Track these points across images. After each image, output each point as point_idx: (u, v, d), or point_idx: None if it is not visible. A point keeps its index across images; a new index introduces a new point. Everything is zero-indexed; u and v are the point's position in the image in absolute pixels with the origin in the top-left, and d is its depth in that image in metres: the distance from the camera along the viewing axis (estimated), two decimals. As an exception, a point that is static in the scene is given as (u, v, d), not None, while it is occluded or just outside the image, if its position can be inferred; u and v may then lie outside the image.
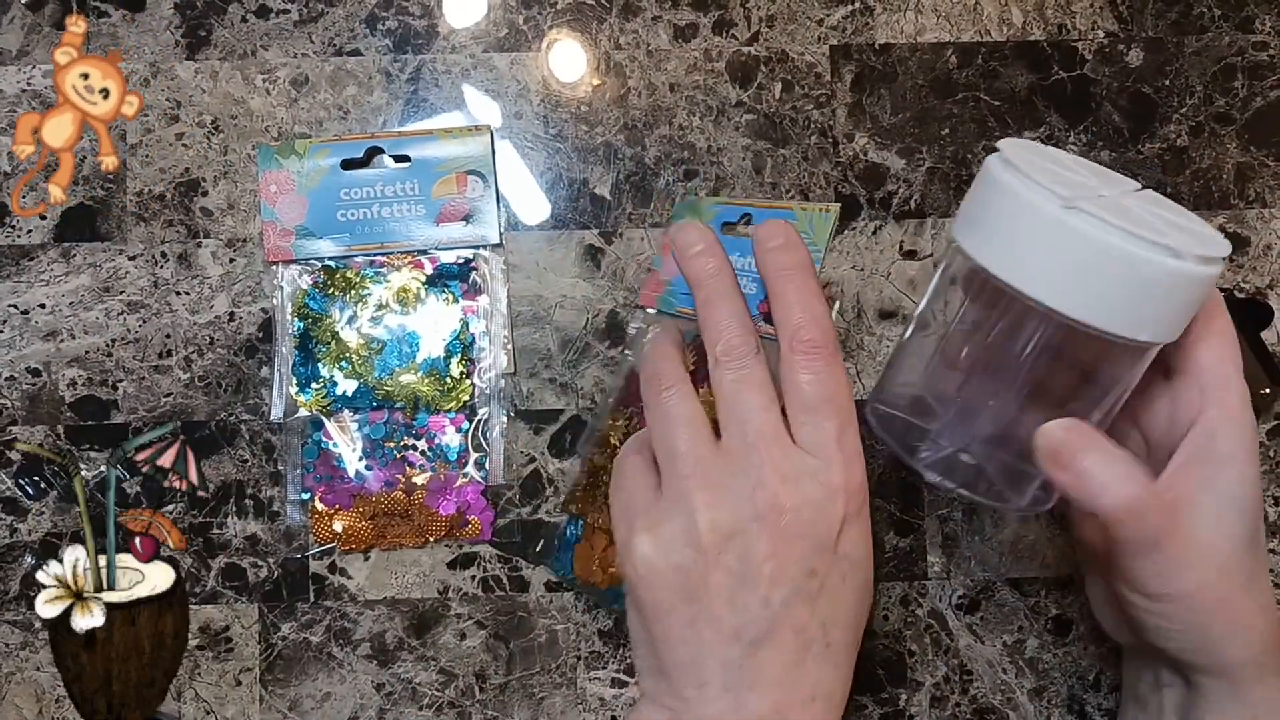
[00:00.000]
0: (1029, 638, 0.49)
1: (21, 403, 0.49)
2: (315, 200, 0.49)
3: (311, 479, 0.49)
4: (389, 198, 0.49)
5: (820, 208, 0.41)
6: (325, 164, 0.49)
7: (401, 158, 0.49)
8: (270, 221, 0.49)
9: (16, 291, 0.49)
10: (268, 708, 0.49)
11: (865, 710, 0.49)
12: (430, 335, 0.49)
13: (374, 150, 0.49)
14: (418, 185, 0.49)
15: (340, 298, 0.49)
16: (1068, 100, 0.50)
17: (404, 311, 0.49)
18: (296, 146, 0.49)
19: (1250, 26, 0.50)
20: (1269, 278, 0.50)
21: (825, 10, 0.50)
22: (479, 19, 0.50)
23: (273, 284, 0.49)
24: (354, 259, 0.49)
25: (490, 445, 0.49)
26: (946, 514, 0.49)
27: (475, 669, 0.49)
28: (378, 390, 0.48)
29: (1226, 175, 0.50)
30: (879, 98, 0.50)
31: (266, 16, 0.50)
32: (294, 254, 0.49)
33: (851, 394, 0.35)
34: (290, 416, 0.49)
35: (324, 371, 0.48)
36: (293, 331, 0.49)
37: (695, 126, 0.50)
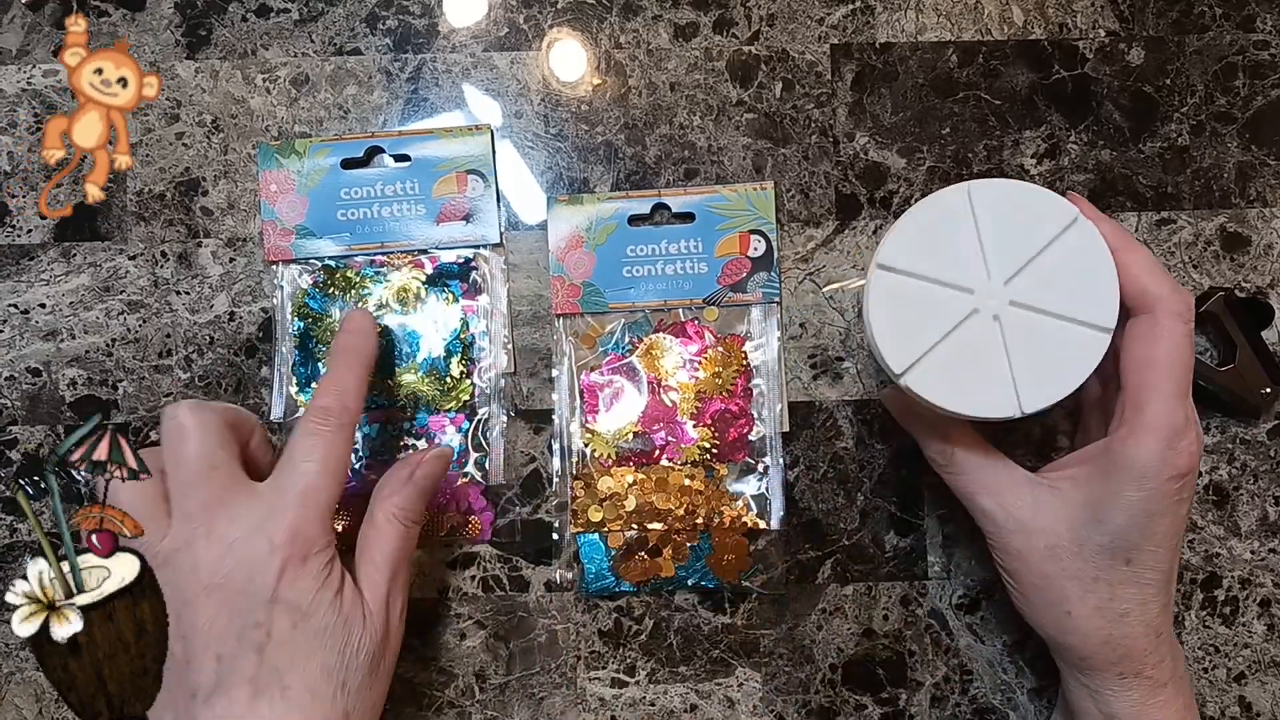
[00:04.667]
0: (1029, 638, 0.49)
1: (21, 403, 0.49)
2: (315, 200, 0.49)
3: None
4: (389, 197, 0.49)
5: (754, 187, 0.48)
6: (325, 163, 0.49)
7: (401, 157, 0.49)
8: (270, 221, 0.49)
9: (16, 291, 0.49)
10: (268, 707, 0.49)
11: (865, 710, 0.49)
12: (430, 335, 0.49)
13: (374, 150, 0.49)
14: (418, 185, 0.49)
15: (340, 297, 0.49)
16: (1068, 99, 0.50)
17: (404, 311, 0.49)
18: (296, 146, 0.49)
19: (1251, 25, 0.50)
20: (1269, 277, 0.50)
21: (826, 9, 0.50)
22: (479, 18, 0.50)
23: (273, 284, 0.49)
24: (354, 258, 0.49)
25: (490, 445, 0.49)
26: (946, 514, 0.49)
27: (475, 669, 0.49)
28: (378, 390, 0.48)
29: (1227, 174, 0.50)
30: (880, 97, 0.50)
31: (267, 16, 0.50)
32: (294, 253, 0.49)
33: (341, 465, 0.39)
34: (290, 416, 0.49)
35: (324, 371, 0.48)
36: (293, 331, 0.49)
37: (696, 126, 0.50)
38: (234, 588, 0.36)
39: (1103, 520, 0.37)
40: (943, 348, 0.36)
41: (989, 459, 0.40)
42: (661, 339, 0.48)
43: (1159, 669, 0.39)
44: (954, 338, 0.36)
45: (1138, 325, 0.36)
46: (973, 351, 0.36)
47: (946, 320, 0.36)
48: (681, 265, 0.48)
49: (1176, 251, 0.50)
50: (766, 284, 0.49)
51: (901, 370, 0.36)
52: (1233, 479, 0.50)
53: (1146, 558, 0.37)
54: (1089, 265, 0.36)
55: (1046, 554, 0.38)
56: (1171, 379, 0.35)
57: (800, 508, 0.49)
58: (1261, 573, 0.50)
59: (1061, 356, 0.36)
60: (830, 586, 0.49)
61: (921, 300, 0.36)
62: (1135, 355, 0.36)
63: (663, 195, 0.49)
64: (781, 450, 0.49)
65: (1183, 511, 0.37)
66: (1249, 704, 0.49)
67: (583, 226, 0.49)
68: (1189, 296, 0.36)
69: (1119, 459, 0.36)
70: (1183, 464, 0.35)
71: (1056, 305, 0.36)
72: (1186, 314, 0.36)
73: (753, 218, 0.49)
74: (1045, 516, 0.38)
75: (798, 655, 0.49)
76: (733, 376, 0.48)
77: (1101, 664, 0.38)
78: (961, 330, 0.36)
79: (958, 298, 0.36)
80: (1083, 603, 0.38)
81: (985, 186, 0.37)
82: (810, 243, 0.50)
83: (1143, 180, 0.50)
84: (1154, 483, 0.36)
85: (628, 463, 0.48)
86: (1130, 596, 0.37)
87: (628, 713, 0.49)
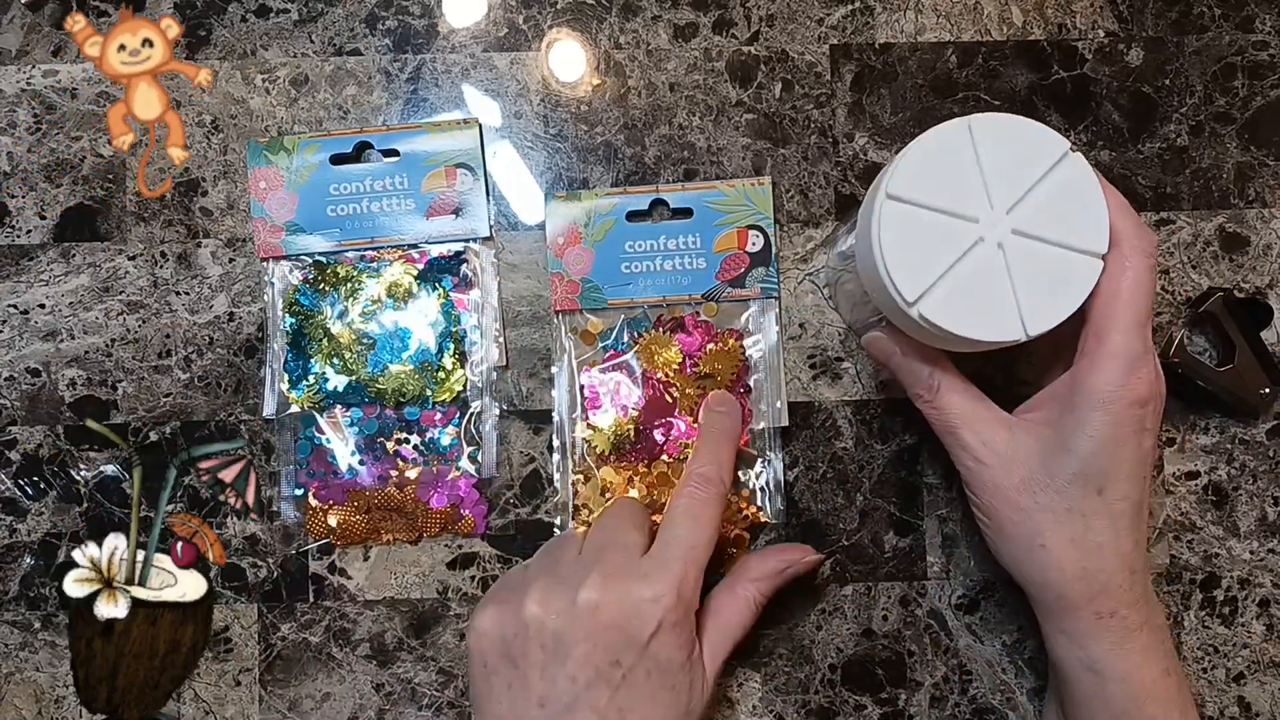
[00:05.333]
0: (1029, 638, 0.49)
1: (21, 403, 0.49)
2: (305, 196, 0.49)
3: (305, 475, 0.49)
4: (378, 192, 0.49)
5: (752, 182, 0.48)
6: (314, 159, 0.49)
7: (390, 152, 0.49)
8: (260, 218, 0.49)
9: (16, 291, 0.49)
10: (267, 708, 0.49)
11: (865, 710, 0.49)
12: (422, 329, 0.49)
13: (363, 145, 0.49)
14: (407, 179, 0.49)
15: (331, 293, 0.49)
16: (1068, 100, 0.50)
17: (395, 306, 0.49)
18: (285, 142, 0.49)
19: (1250, 26, 0.50)
20: (1269, 277, 0.50)
21: (825, 10, 0.50)
22: (479, 18, 0.50)
23: (264, 280, 0.49)
24: (345, 254, 0.49)
25: (483, 439, 0.49)
26: (946, 514, 0.49)
27: (475, 669, 0.49)
28: (370, 385, 0.48)
29: (1226, 175, 0.50)
30: (879, 97, 0.50)
31: (266, 16, 0.50)
32: (284, 250, 0.49)
33: (716, 529, 0.42)
34: (283, 413, 0.49)
35: (316, 367, 0.48)
36: (285, 328, 0.49)
37: (695, 126, 0.50)
38: (614, 625, 0.39)
39: (1072, 449, 0.38)
40: (951, 275, 0.37)
41: (970, 395, 0.41)
42: (660, 335, 0.48)
43: (1135, 610, 0.39)
44: (961, 266, 0.37)
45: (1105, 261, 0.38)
46: (979, 279, 0.37)
47: (954, 249, 0.37)
48: (680, 261, 0.49)
49: (1175, 252, 0.50)
50: (765, 279, 0.49)
51: (915, 298, 0.37)
52: (1232, 479, 0.50)
53: (1117, 488, 0.38)
54: (1081, 196, 0.37)
55: (1021, 487, 0.39)
56: (1132, 311, 0.37)
57: (800, 508, 0.49)
58: (1260, 573, 0.50)
59: (1060, 282, 0.37)
60: (829, 587, 0.49)
61: (930, 230, 0.37)
62: (1100, 289, 0.37)
63: (660, 191, 0.49)
64: (781, 446, 0.49)
65: (1147, 444, 0.39)
66: (1248, 704, 0.49)
67: (580, 221, 0.49)
68: (1153, 235, 0.38)
69: (1083, 388, 0.38)
70: (1142, 391, 0.37)
71: (1054, 233, 0.37)
72: (1151, 251, 0.37)
73: (750, 213, 0.49)
74: (1021, 450, 0.39)
75: (797, 655, 0.49)
76: (731, 371, 0.48)
77: (1078, 600, 0.39)
78: (968, 259, 0.37)
79: (964, 227, 0.37)
80: (1057, 535, 0.39)
81: (985, 120, 0.38)
82: (810, 243, 0.50)
83: (1142, 180, 0.50)
84: (1117, 407, 0.37)
85: (628, 458, 0.48)
86: (1103, 529, 0.39)
87: None
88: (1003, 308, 0.37)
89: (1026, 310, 0.37)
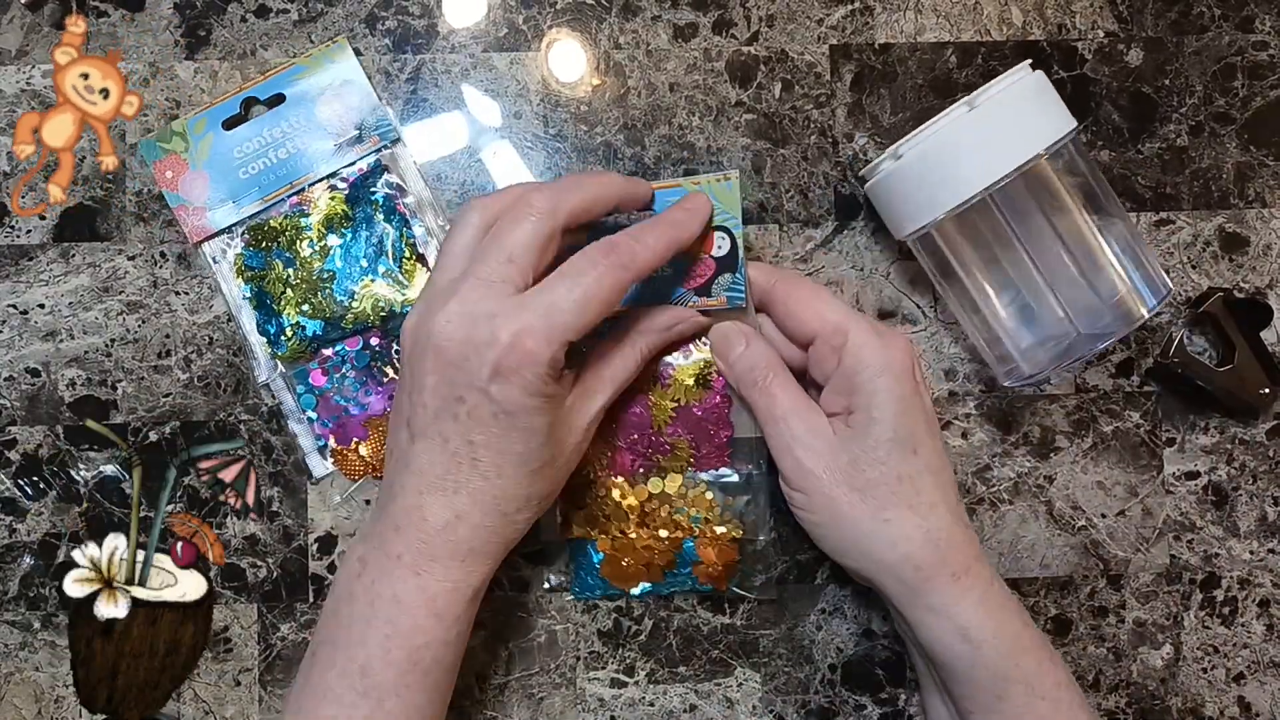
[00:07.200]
0: (1029, 638, 0.49)
1: (20, 403, 0.49)
2: (213, 169, 0.49)
3: (319, 426, 0.49)
4: (279, 139, 0.49)
5: (717, 178, 0.43)
6: (207, 133, 0.49)
7: (276, 98, 0.49)
8: (179, 206, 0.49)
9: (16, 291, 0.49)
10: (267, 708, 0.49)
11: (865, 710, 0.49)
12: (372, 244, 0.49)
13: (250, 101, 0.49)
14: (302, 117, 0.49)
15: (275, 248, 0.49)
16: (1068, 100, 0.50)
17: (339, 235, 0.49)
18: (174, 127, 0.49)
19: (1250, 26, 0.50)
20: (1269, 277, 0.50)
21: (825, 10, 0.50)
22: (478, 19, 0.50)
23: (208, 261, 0.49)
24: (272, 209, 0.49)
25: None
26: (946, 514, 0.49)
27: (475, 669, 0.49)
28: (345, 317, 0.49)
29: (1226, 175, 0.50)
30: (879, 97, 0.50)
31: (266, 16, 0.50)
32: (213, 227, 0.49)
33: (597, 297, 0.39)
34: (275, 374, 0.49)
35: (288, 320, 0.48)
36: (244, 295, 0.49)
37: (695, 126, 0.50)
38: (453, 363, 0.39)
39: (879, 418, 0.41)
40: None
41: (797, 388, 0.44)
42: None
43: (980, 563, 0.42)
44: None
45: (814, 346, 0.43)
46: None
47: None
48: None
49: (1175, 252, 0.50)
50: (731, 286, 0.44)
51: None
52: (1231, 479, 0.50)
53: (925, 444, 0.42)
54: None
55: (851, 468, 0.41)
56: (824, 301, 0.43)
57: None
58: (1260, 573, 0.50)
59: None
60: (829, 587, 0.49)
61: None
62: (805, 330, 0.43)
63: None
64: (765, 456, 0.47)
65: (928, 402, 0.43)
66: (1248, 704, 0.49)
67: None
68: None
69: (857, 367, 0.42)
70: (901, 343, 0.42)
71: None
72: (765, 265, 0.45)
73: (716, 213, 0.43)
74: (839, 435, 0.42)
75: (797, 655, 0.49)
76: (704, 385, 0.47)
77: (933, 564, 0.41)
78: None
79: None
80: (896, 503, 0.41)
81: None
82: (809, 243, 0.50)
83: (1142, 181, 0.50)
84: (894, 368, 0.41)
85: (607, 473, 0.48)
86: (930, 487, 0.42)
87: (627, 713, 0.49)
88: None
89: None
